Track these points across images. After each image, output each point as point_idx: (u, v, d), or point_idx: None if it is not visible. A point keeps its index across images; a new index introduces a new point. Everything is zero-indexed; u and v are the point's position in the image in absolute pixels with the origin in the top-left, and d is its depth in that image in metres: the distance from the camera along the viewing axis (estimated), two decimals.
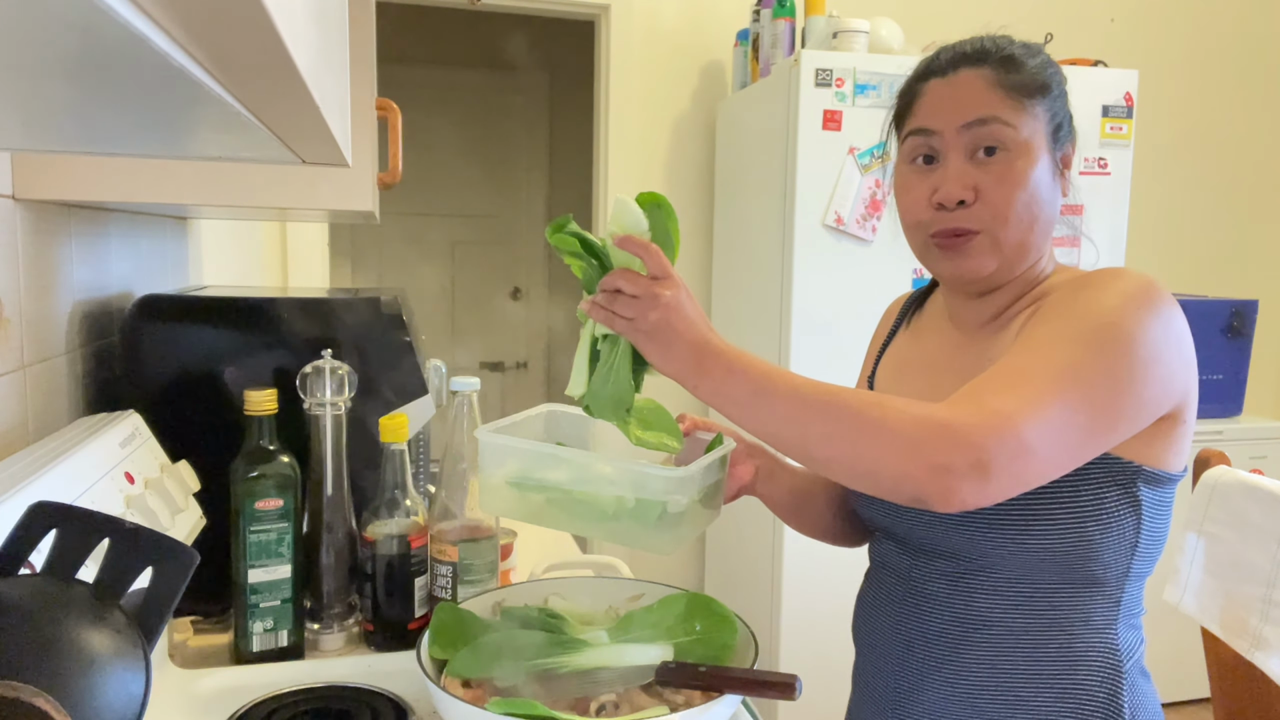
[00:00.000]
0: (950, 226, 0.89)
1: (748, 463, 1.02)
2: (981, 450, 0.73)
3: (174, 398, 1.10)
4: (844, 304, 2.41)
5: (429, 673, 0.84)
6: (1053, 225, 0.92)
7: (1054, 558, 0.86)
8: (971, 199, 0.88)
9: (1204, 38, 3.34)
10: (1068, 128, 0.92)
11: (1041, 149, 0.89)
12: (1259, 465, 2.82)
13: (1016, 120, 0.87)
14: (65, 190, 0.95)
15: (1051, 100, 0.90)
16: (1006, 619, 0.89)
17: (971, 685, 0.91)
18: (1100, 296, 0.83)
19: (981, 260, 0.89)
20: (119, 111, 0.45)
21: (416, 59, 4.11)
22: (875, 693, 0.99)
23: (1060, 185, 0.92)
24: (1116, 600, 0.89)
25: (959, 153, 0.88)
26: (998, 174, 0.87)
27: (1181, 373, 0.83)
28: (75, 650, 0.53)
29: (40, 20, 0.26)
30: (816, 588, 2.43)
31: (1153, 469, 0.86)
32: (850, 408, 0.77)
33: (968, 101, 0.88)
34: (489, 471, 0.92)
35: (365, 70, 1.04)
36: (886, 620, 0.98)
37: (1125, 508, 0.86)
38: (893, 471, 0.75)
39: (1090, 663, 0.89)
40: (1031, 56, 0.90)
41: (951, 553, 0.91)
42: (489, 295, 4.45)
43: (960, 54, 0.91)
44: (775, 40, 2.60)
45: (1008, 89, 0.88)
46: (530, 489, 0.91)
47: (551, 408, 1.05)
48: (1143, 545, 0.88)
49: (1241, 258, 3.49)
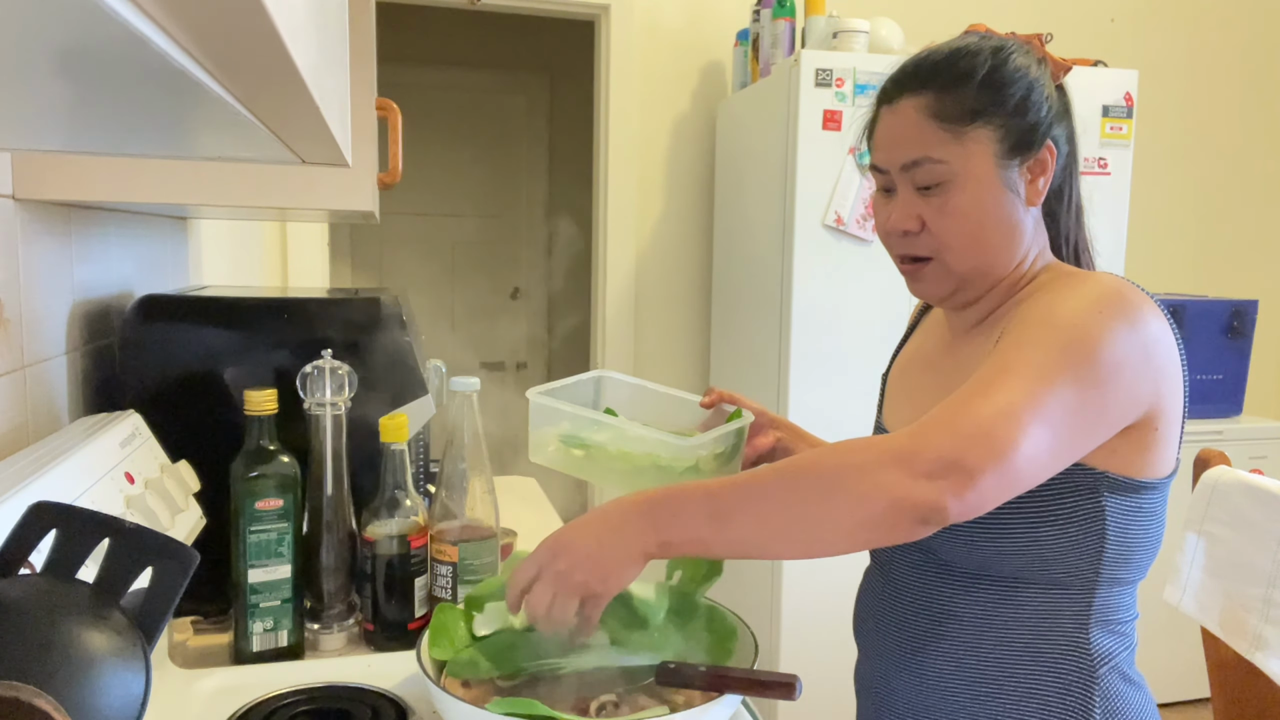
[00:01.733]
0: (905, 253, 0.94)
1: (769, 433, 1.10)
2: (961, 462, 0.73)
3: (174, 398, 1.10)
4: (844, 304, 2.41)
5: (429, 673, 0.84)
6: (1014, 238, 0.91)
7: (1009, 558, 0.87)
8: (917, 228, 0.91)
9: (1204, 38, 3.34)
10: (1039, 133, 0.89)
11: (987, 173, 0.88)
12: (1259, 465, 2.81)
13: (948, 154, 0.88)
14: (65, 190, 0.95)
15: (1005, 117, 0.88)
16: (970, 613, 0.91)
17: (941, 676, 0.92)
18: (1065, 302, 0.83)
19: (935, 285, 0.93)
20: (119, 111, 0.45)
21: (416, 59, 4.11)
22: (866, 683, 1.02)
23: (1026, 195, 0.90)
24: (1087, 604, 0.89)
25: (906, 186, 0.91)
26: (937, 207, 0.89)
27: (1150, 380, 0.82)
28: (75, 650, 0.53)
29: (40, 20, 0.26)
30: (816, 588, 2.43)
31: (1120, 476, 0.85)
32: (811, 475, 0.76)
33: (903, 140, 0.90)
34: (539, 428, 1.03)
35: (365, 70, 1.03)
36: (869, 611, 1.01)
37: (1087, 515, 0.85)
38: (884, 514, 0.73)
39: (1058, 664, 0.89)
40: (973, 75, 0.88)
41: (921, 546, 0.93)
42: (489, 295, 4.45)
43: (903, 76, 0.92)
44: (775, 40, 2.60)
45: (942, 120, 0.88)
46: (570, 446, 1.03)
47: (602, 373, 1.16)
48: (1115, 552, 0.87)
49: (1241, 258, 3.49)
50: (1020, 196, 0.90)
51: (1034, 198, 0.91)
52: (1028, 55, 0.92)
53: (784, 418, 1.11)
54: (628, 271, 3.00)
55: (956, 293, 0.94)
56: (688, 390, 1.14)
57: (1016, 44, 0.93)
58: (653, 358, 3.06)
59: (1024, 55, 0.91)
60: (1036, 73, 0.91)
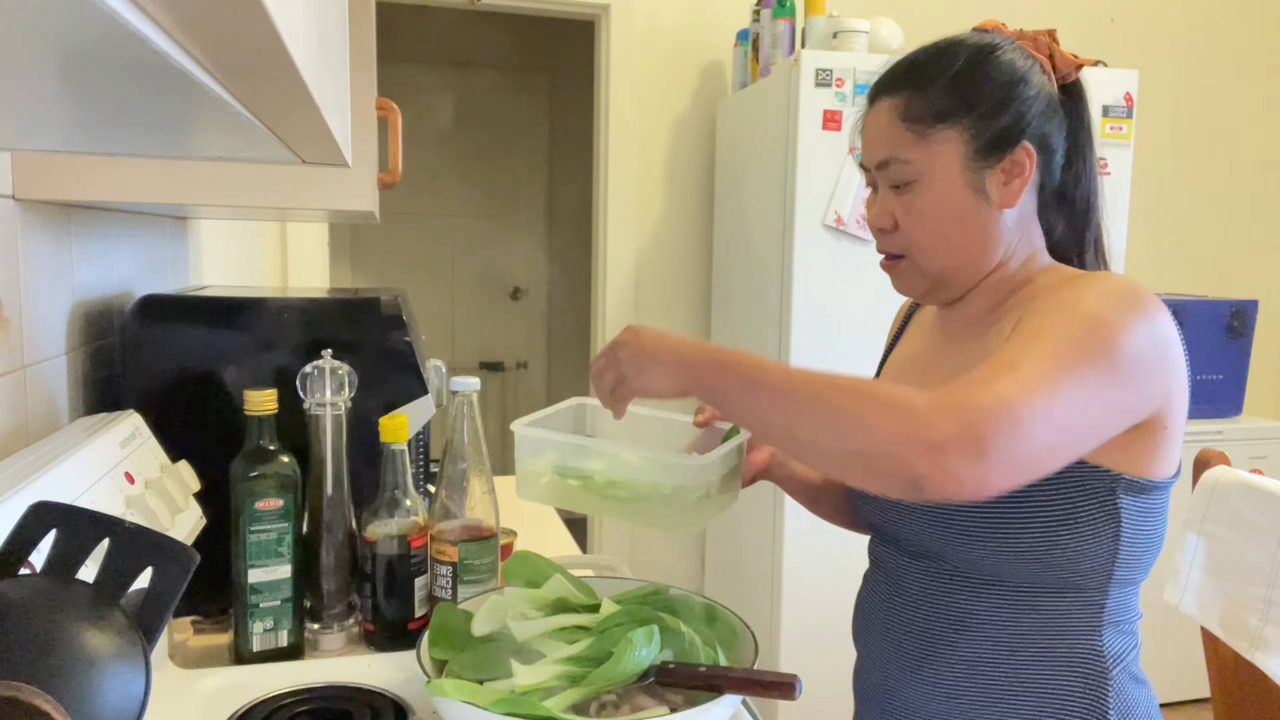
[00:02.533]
0: (882, 249, 0.96)
1: (764, 449, 1.08)
2: (974, 426, 0.70)
3: (174, 398, 1.10)
4: (844, 304, 2.41)
5: (429, 673, 0.84)
6: (984, 239, 0.91)
7: (1027, 563, 0.87)
8: (890, 226, 0.93)
9: (1204, 38, 3.34)
10: (1015, 134, 0.89)
11: (952, 174, 0.89)
12: (1259, 465, 2.81)
13: (913, 155, 0.89)
14: (65, 190, 0.95)
15: (973, 118, 0.88)
16: (986, 620, 0.90)
17: (954, 685, 0.91)
18: (1084, 297, 0.82)
19: (911, 282, 0.96)
20: (119, 111, 0.45)
21: (416, 59, 4.11)
22: (869, 691, 1.01)
23: (999, 197, 0.89)
24: (1100, 605, 0.89)
25: (883, 184, 0.94)
26: (905, 206, 0.91)
27: (1163, 378, 0.82)
28: (75, 650, 0.53)
29: (40, 20, 0.26)
30: (816, 588, 2.43)
31: (1134, 476, 0.85)
32: (840, 389, 0.76)
33: (876, 140, 0.93)
34: (526, 461, 0.99)
35: (365, 70, 1.04)
36: (877, 619, 0.99)
37: (1102, 516, 0.85)
38: (883, 451, 0.72)
39: (1073, 667, 0.89)
40: (942, 77, 0.89)
41: (933, 553, 0.92)
42: (489, 295, 4.45)
43: (883, 77, 0.94)
44: (775, 40, 2.60)
45: (910, 120, 0.90)
46: (565, 476, 0.99)
47: (580, 400, 1.11)
48: (1126, 553, 0.87)
49: (1241, 258, 3.49)
50: (990, 199, 0.89)
51: (1008, 200, 0.90)
52: (1017, 52, 0.91)
53: None
54: (628, 271, 3.00)
55: (933, 290, 0.95)
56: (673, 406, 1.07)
57: (1008, 41, 0.92)
58: None
59: (1015, 52, 0.90)
60: (1023, 70, 0.90)
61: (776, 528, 2.46)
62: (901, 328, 1.13)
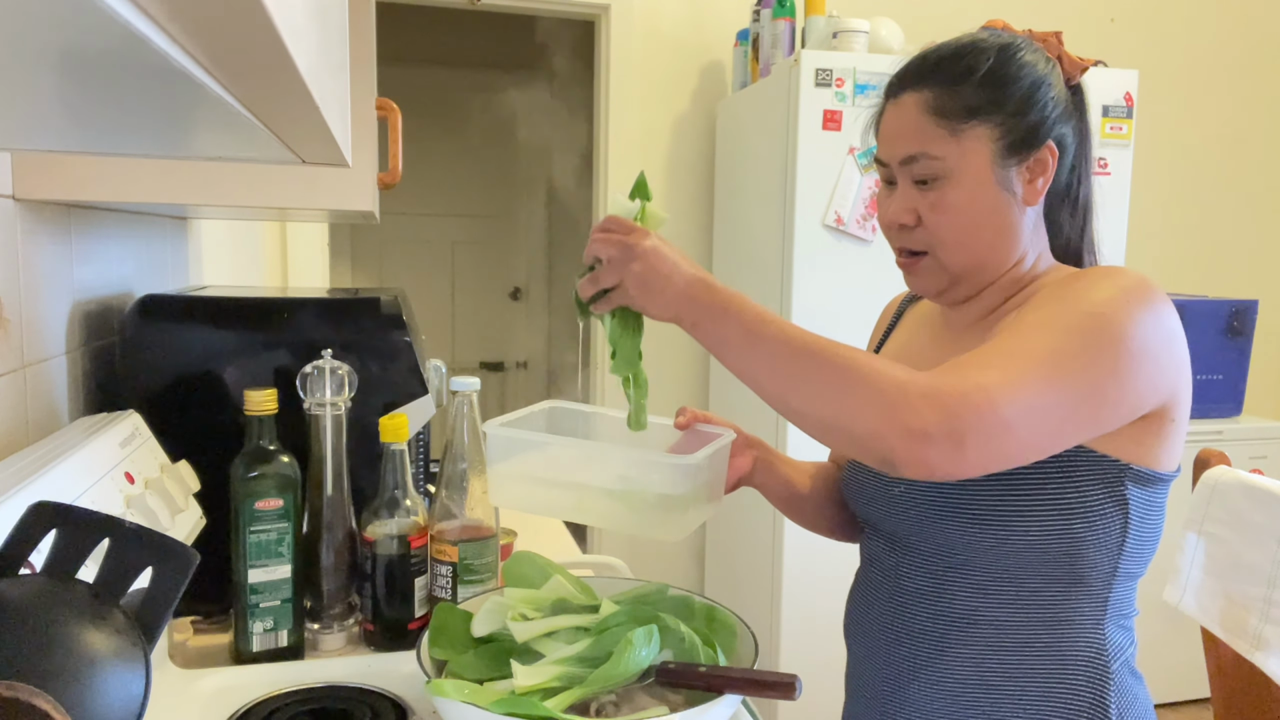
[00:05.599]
0: (902, 246, 0.95)
1: (747, 454, 1.06)
2: (957, 419, 0.73)
3: (174, 398, 1.10)
4: (844, 304, 2.41)
5: (429, 673, 0.84)
6: (1009, 237, 0.91)
7: (1036, 555, 0.87)
8: (913, 222, 0.92)
9: (1204, 38, 3.34)
10: (1041, 133, 0.89)
11: (983, 171, 0.88)
12: (1259, 465, 2.82)
13: (944, 151, 0.88)
14: (65, 190, 0.95)
15: (1004, 116, 0.88)
16: (990, 617, 0.90)
17: (957, 682, 0.91)
18: (1093, 289, 0.83)
19: (931, 279, 0.94)
20: (119, 111, 0.45)
21: (416, 59, 4.11)
22: (865, 690, 1.00)
23: (1024, 194, 0.90)
24: (1104, 600, 0.89)
25: (905, 180, 0.92)
26: (931, 202, 0.90)
27: (1171, 370, 0.83)
28: (75, 650, 0.53)
29: (40, 20, 0.26)
30: (816, 588, 2.43)
31: (1142, 468, 0.86)
32: (836, 359, 0.77)
33: (902, 135, 0.91)
34: (498, 464, 0.95)
35: (365, 70, 1.03)
36: (874, 617, 0.99)
37: (1112, 506, 0.86)
38: (866, 429, 0.75)
39: (1076, 663, 0.89)
40: (974, 73, 0.88)
41: (935, 549, 0.92)
42: (489, 295, 4.45)
43: (908, 71, 0.93)
44: (775, 40, 2.60)
45: (941, 115, 0.89)
46: (538, 480, 0.94)
47: (554, 404, 1.08)
48: (1131, 546, 0.87)
49: (1241, 258, 3.49)
50: (1017, 196, 0.90)
51: (1032, 197, 0.91)
52: (1037, 53, 0.91)
53: (758, 437, 1.07)
54: None
55: (951, 288, 0.94)
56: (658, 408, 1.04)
57: (1026, 41, 0.92)
58: (653, 357, 3.05)
59: (1032, 53, 0.91)
60: (1044, 71, 0.90)
61: (776, 527, 2.46)
62: (893, 322, 1.13)
